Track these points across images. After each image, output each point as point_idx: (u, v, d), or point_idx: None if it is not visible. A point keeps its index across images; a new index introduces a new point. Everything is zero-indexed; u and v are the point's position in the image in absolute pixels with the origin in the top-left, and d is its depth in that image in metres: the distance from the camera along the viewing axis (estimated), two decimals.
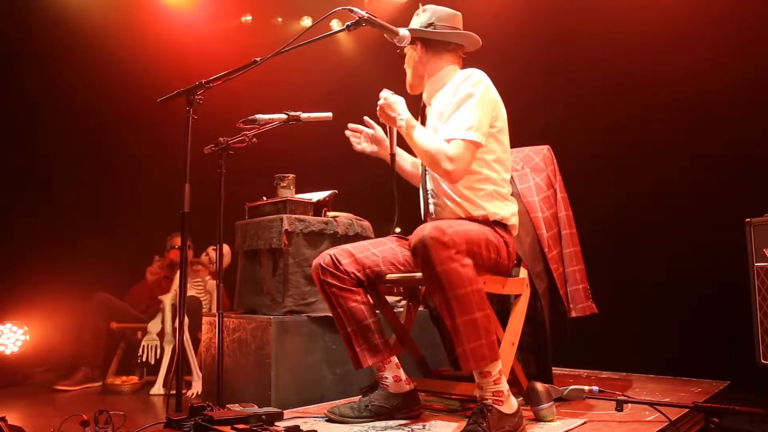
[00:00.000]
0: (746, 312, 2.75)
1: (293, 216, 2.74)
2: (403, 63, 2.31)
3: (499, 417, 1.79)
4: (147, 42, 4.72)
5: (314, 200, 2.88)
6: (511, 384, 1.95)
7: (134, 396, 3.43)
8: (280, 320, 2.57)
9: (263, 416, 1.87)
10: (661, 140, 3.57)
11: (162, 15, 4.96)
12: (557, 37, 3.96)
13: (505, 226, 2.15)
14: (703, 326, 3.26)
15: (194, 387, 3.38)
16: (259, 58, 2.08)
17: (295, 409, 2.35)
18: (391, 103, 2.13)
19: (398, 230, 2.35)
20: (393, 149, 2.32)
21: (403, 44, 2.12)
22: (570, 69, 3.94)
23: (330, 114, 2.41)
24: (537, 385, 2.05)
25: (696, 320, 3.30)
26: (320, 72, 5.00)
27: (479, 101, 2.04)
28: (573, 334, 2.54)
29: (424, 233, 1.79)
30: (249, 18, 5.41)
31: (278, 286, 2.70)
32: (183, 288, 2.05)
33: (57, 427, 2.02)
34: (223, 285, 2.30)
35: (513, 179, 2.42)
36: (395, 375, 2.14)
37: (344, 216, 2.92)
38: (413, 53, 2.24)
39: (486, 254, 1.98)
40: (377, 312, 2.17)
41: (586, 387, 2.17)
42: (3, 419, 1.86)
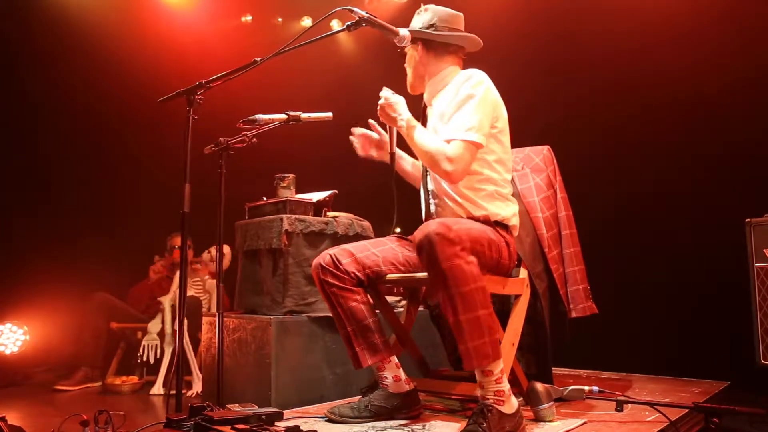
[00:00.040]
0: (746, 312, 2.75)
1: (293, 216, 2.74)
2: (404, 62, 2.31)
3: (500, 417, 1.79)
4: (147, 42, 4.72)
5: (314, 200, 2.88)
6: (511, 384, 1.94)
7: (134, 396, 3.43)
8: (280, 320, 2.57)
9: (263, 416, 1.87)
10: (661, 140, 3.57)
11: (162, 15, 4.96)
12: (557, 37, 3.96)
13: (506, 227, 2.15)
14: (703, 326, 3.26)
15: (194, 387, 3.38)
16: (259, 59, 2.08)
17: (295, 409, 2.35)
18: (393, 104, 2.13)
19: (398, 230, 2.35)
20: (392, 148, 2.32)
21: (403, 44, 2.12)
22: (570, 69, 3.94)
23: (330, 114, 2.41)
24: (537, 386, 2.05)
25: (696, 320, 3.30)
26: (320, 72, 5.00)
27: (480, 102, 2.04)
28: (573, 335, 2.54)
29: (430, 229, 1.78)
30: (249, 18, 5.41)
31: (278, 286, 2.70)
32: (183, 288, 2.05)
33: (57, 427, 2.02)
34: (223, 285, 2.30)
35: (513, 179, 2.42)
36: (395, 375, 2.14)
37: (344, 216, 2.92)
38: (414, 53, 2.24)
39: (488, 254, 1.98)
40: (377, 312, 2.17)
41: (586, 387, 2.17)
42: (3, 419, 1.86)
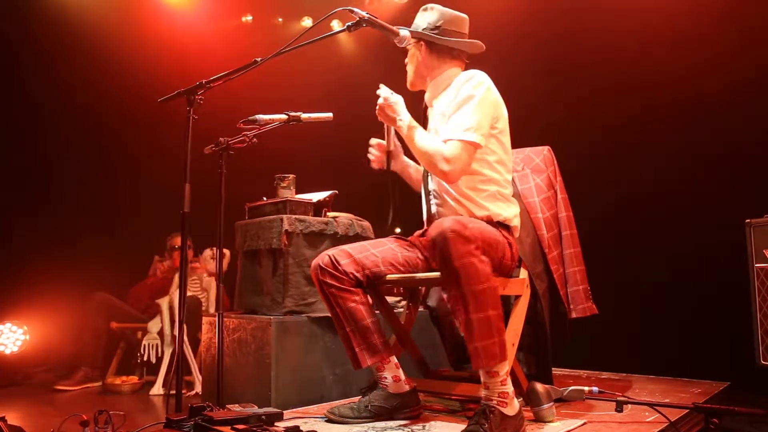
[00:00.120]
0: (746, 312, 2.75)
1: (293, 216, 2.74)
2: (404, 58, 2.30)
3: (502, 418, 1.79)
4: (147, 42, 4.71)
5: (314, 200, 2.88)
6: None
7: (134, 396, 3.43)
8: (280, 320, 2.57)
9: (263, 416, 1.87)
10: (661, 140, 3.57)
11: (162, 15, 4.96)
12: (557, 38, 3.96)
13: (508, 227, 2.15)
14: (703, 327, 3.25)
15: (194, 388, 3.38)
16: (260, 59, 2.08)
17: (295, 410, 2.35)
18: (392, 104, 2.13)
19: (398, 230, 2.35)
20: (389, 146, 2.32)
21: (404, 44, 2.12)
22: (570, 69, 3.93)
23: (330, 114, 2.41)
24: (537, 386, 2.05)
25: (696, 320, 3.30)
26: (321, 72, 5.00)
27: (479, 102, 2.04)
28: (573, 335, 2.54)
29: (445, 226, 1.77)
30: (249, 18, 5.41)
31: (278, 287, 2.70)
32: (183, 288, 2.05)
33: (57, 427, 2.02)
34: (223, 285, 2.30)
35: (514, 180, 2.42)
36: (394, 375, 2.14)
37: (344, 216, 2.92)
38: (417, 53, 2.22)
39: (494, 254, 1.98)
40: (377, 312, 2.17)
41: (586, 388, 2.17)
42: (3, 419, 1.86)
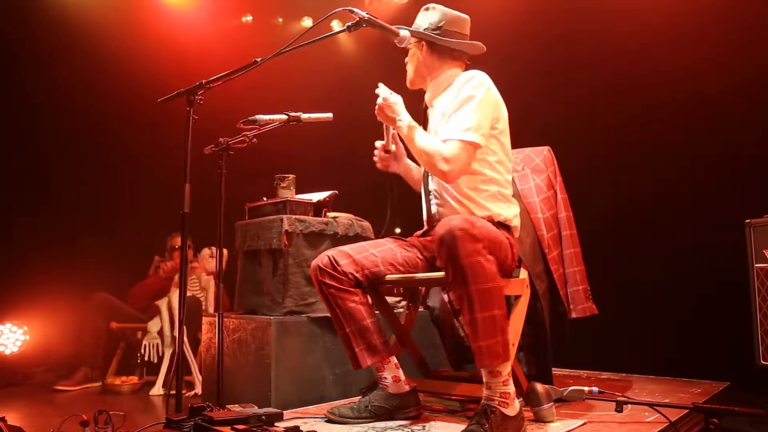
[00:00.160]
0: (746, 313, 2.75)
1: (293, 216, 2.74)
2: (404, 58, 2.30)
3: (503, 419, 1.79)
4: (147, 42, 4.71)
5: (314, 201, 2.88)
6: None
7: (134, 396, 3.43)
8: (280, 321, 2.57)
9: (263, 417, 1.87)
10: (661, 140, 3.57)
11: (162, 15, 4.96)
12: (557, 37, 3.96)
13: (509, 227, 2.15)
14: (703, 327, 3.25)
15: (194, 388, 3.38)
16: (260, 59, 2.08)
17: (295, 410, 2.35)
18: (391, 104, 2.13)
19: (398, 231, 2.35)
20: (389, 146, 2.33)
21: (404, 44, 2.12)
22: (570, 69, 3.93)
23: (330, 115, 2.41)
24: (537, 386, 2.05)
25: (696, 321, 3.30)
26: (321, 72, 5.00)
27: (480, 103, 2.04)
28: (573, 335, 2.53)
29: (453, 224, 1.77)
30: (249, 18, 5.40)
31: (278, 287, 2.70)
32: (183, 288, 2.05)
33: (57, 427, 2.02)
34: (223, 285, 2.30)
35: (514, 180, 2.42)
36: (394, 375, 2.14)
37: (344, 216, 2.92)
38: (417, 53, 2.22)
39: (499, 254, 1.98)
40: (376, 312, 2.17)
41: (586, 388, 2.17)
42: (3, 419, 1.86)
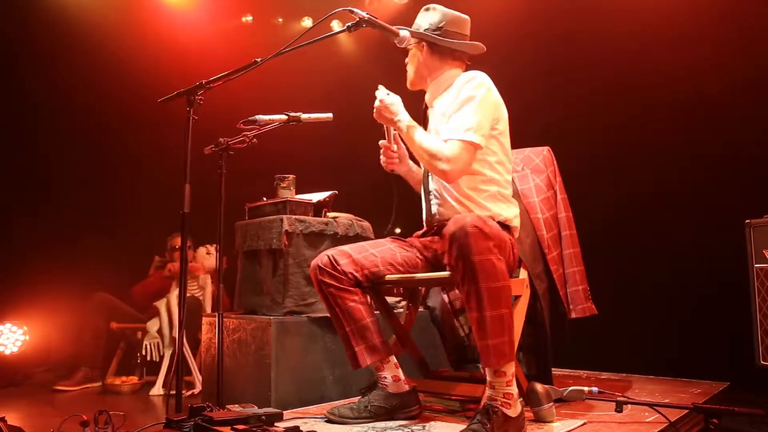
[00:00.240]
0: (746, 313, 2.75)
1: (293, 216, 2.74)
2: (404, 59, 2.30)
3: (504, 419, 1.79)
4: (147, 42, 4.71)
5: (314, 201, 2.88)
6: None
7: (134, 396, 3.43)
8: (280, 321, 2.57)
9: (263, 417, 1.87)
10: (661, 140, 3.57)
11: (162, 15, 4.95)
12: (557, 38, 3.96)
13: (509, 228, 2.15)
14: (703, 327, 3.25)
15: (194, 388, 3.38)
16: (260, 59, 2.08)
17: (295, 410, 2.35)
18: (389, 105, 2.13)
19: (398, 231, 2.35)
20: (390, 146, 2.32)
21: (404, 45, 2.12)
22: (570, 69, 3.93)
23: (330, 115, 2.41)
24: (537, 386, 2.05)
25: (696, 321, 3.29)
26: (321, 73, 4.99)
27: (480, 103, 2.04)
28: (573, 335, 2.53)
29: (466, 222, 1.76)
30: (249, 18, 5.40)
31: (278, 287, 2.70)
32: (183, 288, 2.05)
33: (57, 428, 2.02)
34: (223, 285, 2.30)
35: (513, 180, 2.42)
36: (394, 375, 2.14)
37: (344, 216, 2.92)
38: (418, 53, 2.22)
39: (505, 254, 1.97)
40: (376, 312, 2.17)
41: (586, 388, 2.17)
42: (3, 419, 1.86)
